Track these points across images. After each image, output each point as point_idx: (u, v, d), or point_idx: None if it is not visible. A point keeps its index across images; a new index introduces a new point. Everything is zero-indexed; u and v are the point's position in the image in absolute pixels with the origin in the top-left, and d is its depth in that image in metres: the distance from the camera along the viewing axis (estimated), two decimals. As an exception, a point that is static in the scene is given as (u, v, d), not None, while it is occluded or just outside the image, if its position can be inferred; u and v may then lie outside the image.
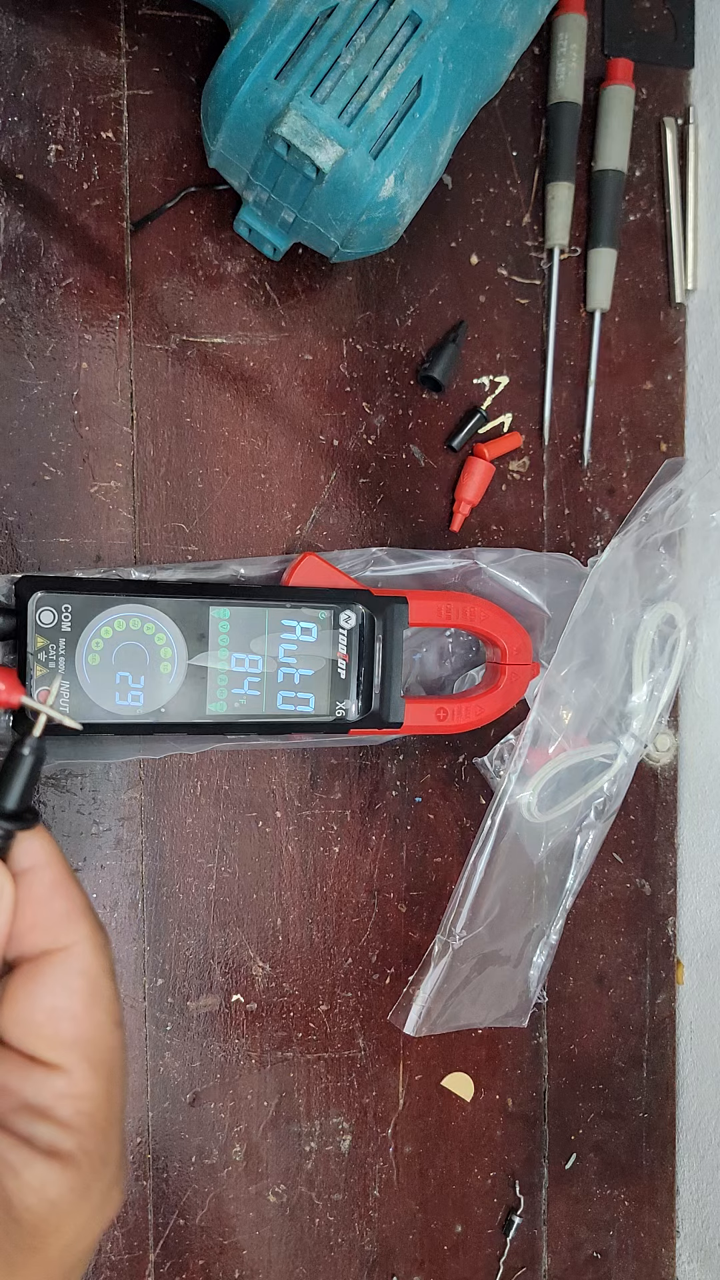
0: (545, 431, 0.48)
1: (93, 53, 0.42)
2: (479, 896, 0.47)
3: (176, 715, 0.40)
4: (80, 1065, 0.23)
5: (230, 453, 0.45)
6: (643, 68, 0.49)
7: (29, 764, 0.23)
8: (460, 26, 0.37)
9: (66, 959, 0.23)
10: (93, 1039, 0.23)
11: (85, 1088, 0.23)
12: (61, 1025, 0.23)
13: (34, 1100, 0.22)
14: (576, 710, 0.48)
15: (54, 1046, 0.23)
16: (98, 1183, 0.22)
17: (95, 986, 0.23)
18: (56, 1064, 0.23)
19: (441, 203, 0.47)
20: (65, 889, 0.24)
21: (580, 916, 0.51)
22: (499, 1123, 0.50)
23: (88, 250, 0.42)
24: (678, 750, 0.52)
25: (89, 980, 0.23)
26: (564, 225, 0.47)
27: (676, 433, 0.51)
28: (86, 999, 0.23)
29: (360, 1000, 0.47)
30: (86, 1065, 0.23)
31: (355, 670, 0.42)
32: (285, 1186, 0.47)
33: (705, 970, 0.51)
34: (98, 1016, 0.23)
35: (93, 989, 0.23)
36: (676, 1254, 0.53)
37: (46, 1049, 0.23)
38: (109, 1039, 0.24)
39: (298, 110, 0.35)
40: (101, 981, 0.24)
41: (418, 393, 0.47)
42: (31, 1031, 0.23)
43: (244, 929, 0.46)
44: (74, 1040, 0.23)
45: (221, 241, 0.44)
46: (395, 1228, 0.49)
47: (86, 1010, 0.23)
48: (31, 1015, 0.23)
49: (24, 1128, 0.22)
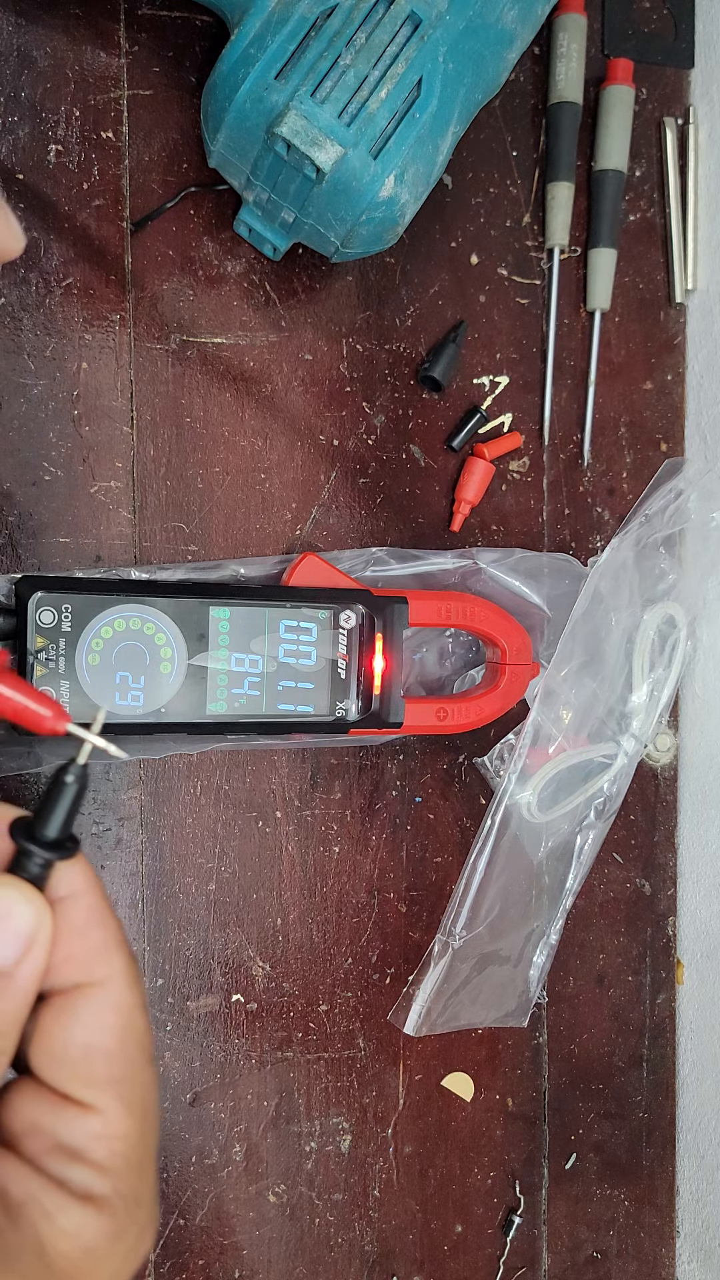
0: (545, 431, 0.48)
1: (93, 53, 0.42)
2: (479, 896, 0.47)
3: (176, 715, 0.40)
4: (114, 1105, 0.22)
5: (230, 453, 0.45)
6: (643, 68, 0.49)
7: (73, 792, 0.22)
8: (460, 26, 0.37)
9: (101, 993, 0.23)
10: (127, 1077, 0.23)
11: (119, 1128, 0.22)
12: (96, 1064, 0.22)
13: (67, 1141, 0.22)
14: (576, 710, 0.48)
15: (88, 1085, 0.22)
16: (132, 1226, 0.22)
17: (129, 1023, 0.23)
18: (90, 1104, 0.22)
19: (441, 203, 0.47)
20: (102, 920, 0.23)
21: (580, 916, 0.51)
22: (499, 1123, 0.50)
23: (88, 250, 0.42)
24: (678, 750, 0.52)
25: (123, 1016, 0.23)
26: (564, 225, 0.47)
27: (676, 433, 0.51)
28: (120, 1036, 0.23)
29: (360, 1000, 0.47)
30: (121, 1105, 0.22)
31: (355, 670, 0.42)
32: (285, 1186, 0.47)
33: (705, 970, 0.51)
34: (132, 1054, 0.23)
35: (127, 1025, 0.23)
36: (676, 1254, 0.53)
37: (80, 1088, 0.22)
38: (143, 1076, 0.23)
39: (298, 110, 0.35)
40: (135, 1017, 0.23)
41: (418, 393, 0.47)
42: (65, 1069, 0.22)
43: (244, 929, 0.46)
44: (108, 1079, 0.22)
45: (221, 241, 0.44)
46: (395, 1228, 0.49)
47: (121, 1048, 0.23)
48: (65, 1052, 0.22)
49: (58, 1170, 0.22)
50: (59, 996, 0.23)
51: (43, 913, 0.22)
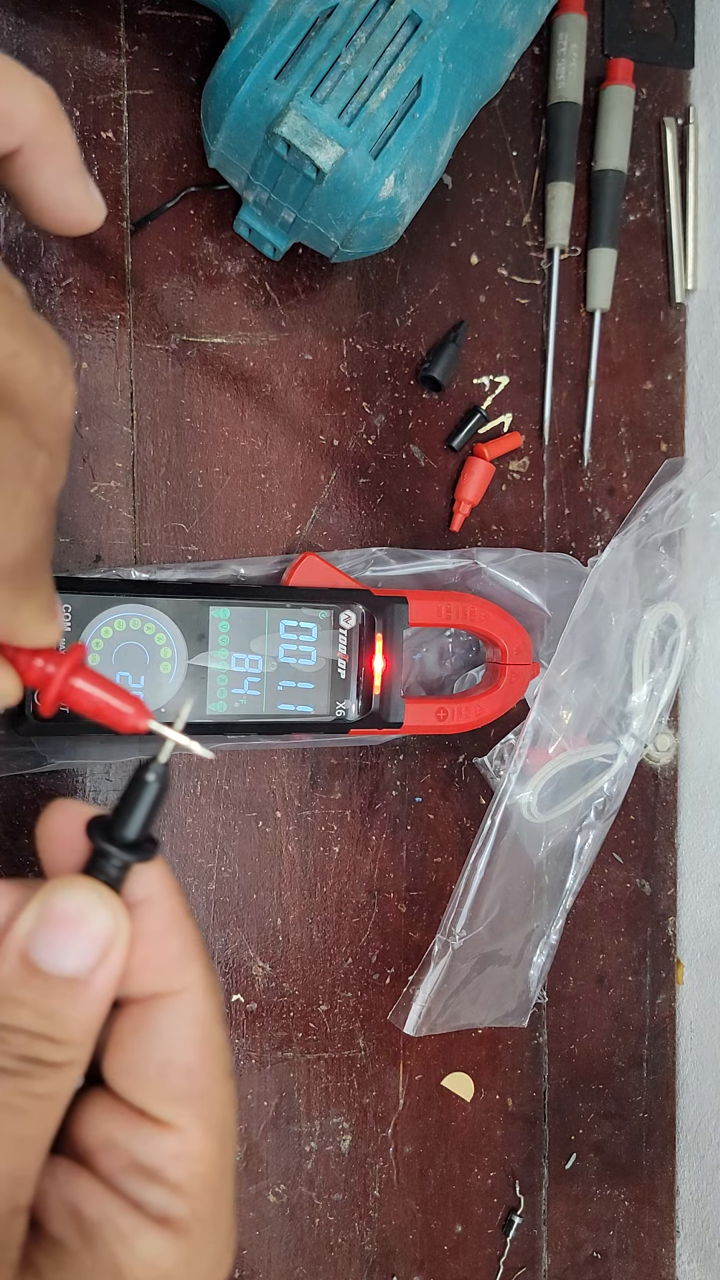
0: (545, 431, 0.48)
1: (93, 53, 0.42)
2: (479, 896, 0.47)
3: (176, 715, 0.40)
4: (194, 1123, 0.21)
5: (230, 453, 0.45)
6: (643, 68, 0.49)
7: (153, 792, 0.21)
8: (460, 26, 0.37)
9: (180, 1004, 0.21)
10: (207, 1094, 0.21)
11: (199, 1147, 0.21)
12: (175, 1079, 0.21)
13: (144, 1160, 0.21)
14: (576, 710, 0.48)
15: (166, 1101, 0.21)
16: (210, 1249, 0.21)
17: (209, 1036, 0.22)
18: (168, 1121, 0.21)
19: (441, 203, 0.47)
20: (181, 926, 0.22)
21: (580, 916, 0.51)
22: (499, 1123, 0.50)
23: (88, 250, 0.42)
24: (678, 750, 0.52)
25: (203, 1029, 0.21)
26: (564, 225, 0.47)
27: (676, 433, 0.51)
28: (200, 1050, 0.21)
29: (360, 1000, 0.47)
30: (200, 1123, 0.21)
31: (355, 670, 0.42)
32: (285, 1186, 0.47)
33: (705, 970, 0.51)
34: (212, 1069, 0.21)
35: (207, 1038, 0.21)
36: (676, 1254, 0.53)
37: (158, 1104, 0.21)
38: (222, 1093, 0.22)
39: (298, 110, 0.35)
40: (215, 1030, 0.22)
41: (418, 393, 0.47)
42: (142, 1084, 0.21)
43: (244, 929, 0.46)
44: (187, 1095, 0.21)
45: (221, 241, 0.44)
46: (395, 1228, 0.49)
47: (201, 1062, 0.21)
48: (143, 1067, 0.21)
49: (135, 1191, 0.20)
50: (135, 1006, 0.22)
51: (120, 917, 0.21)
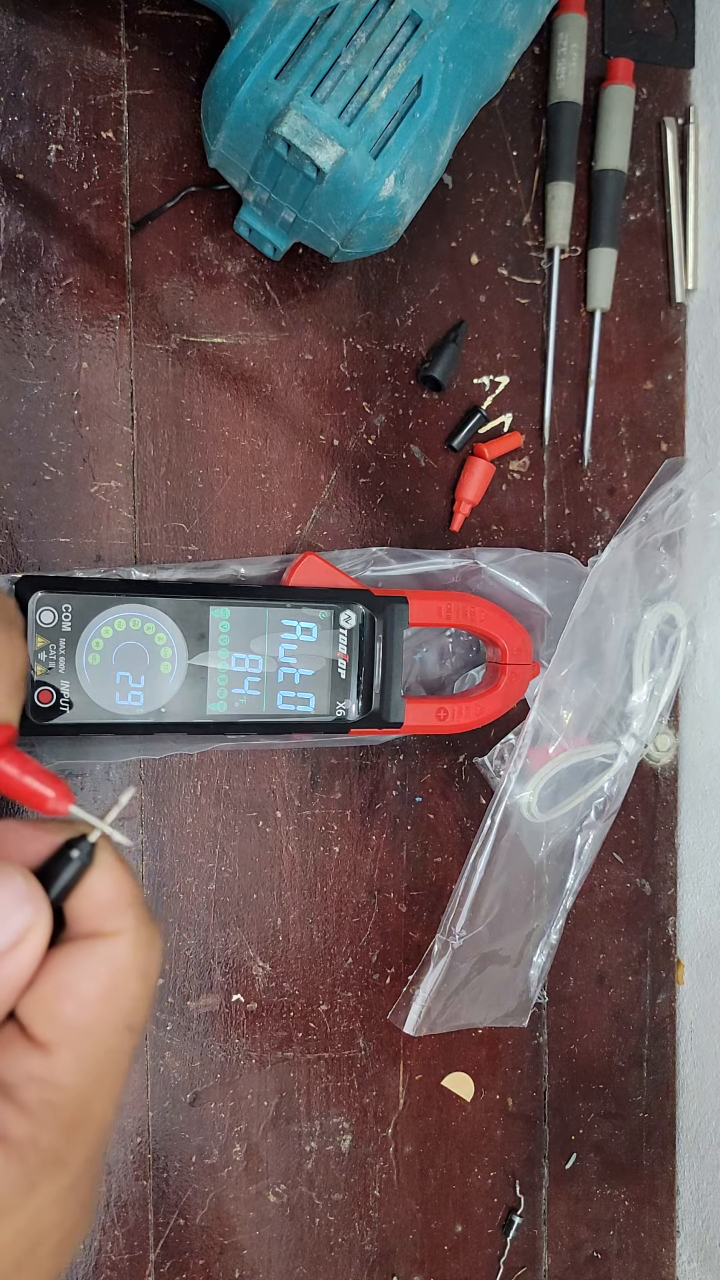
0: (545, 431, 0.48)
1: (93, 53, 0.42)
2: (479, 896, 0.47)
3: (177, 715, 0.40)
4: (66, 1052, 0.21)
5: (230, 453, 0.45)
6: (643, 68, 0.49)
7: (75, 869, 0.22)
8: (460, 26, 0.37)
9: (104, 945, 0.22)
10: (92, 1031, 0.21)
11: (63, 1078, 0.21)
12: (64, 1004, 0.21)
13: (4, 1075, 0.21)
14: (576, 710, 0.48)
15: (47, 1023, 0.21)
16: (47, 1185, 0.20)
17: (120, 982, 0.22)
18: (43, 1041, 0.21)
19: (441, 203, 0.46)
20: (115, 876, 0.22)
21: (580, 916, 0.51)
22: (499, 1122, 0.50)
23: (88, 250, 0.42)
24: (678, 750, 0.52)
25: (115, 973, 0.22)
26: (564, 225, 0.47)
27: (676, 432, 0.51)
28: (103, 989, 0.21)
29: (360, 1000, 0.47)
30: (73, 1055, 0.21)
31: (355, 670, 0.42)
32: (285, 1186, 0.47)
33: (705, 970, 0.51)
34: (107, 1012, 0.21)
35: (115, 983, 0.22)
36: (676, 1254, 0.53)
37: (39, 1022, 0.21)
38: (112, 1040, 0.22)
39: (298, 110, 0.35)
40: (129, 980, 0.22)
41: (418, 392, 0.47)
42: (34, 1000, 0.21)
43: (244, 929, 0.46)
44: (70, 1024, 0.21)
45: (222, 241, 0.44)
46: (395, 1228, 0.49)
47: (98, 999, 0.21)
48: (43, 986, 0.21)
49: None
50: (71, 941, 0.22)
51: (40, 921, 0.21)
